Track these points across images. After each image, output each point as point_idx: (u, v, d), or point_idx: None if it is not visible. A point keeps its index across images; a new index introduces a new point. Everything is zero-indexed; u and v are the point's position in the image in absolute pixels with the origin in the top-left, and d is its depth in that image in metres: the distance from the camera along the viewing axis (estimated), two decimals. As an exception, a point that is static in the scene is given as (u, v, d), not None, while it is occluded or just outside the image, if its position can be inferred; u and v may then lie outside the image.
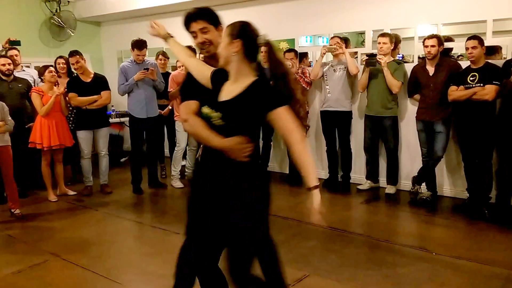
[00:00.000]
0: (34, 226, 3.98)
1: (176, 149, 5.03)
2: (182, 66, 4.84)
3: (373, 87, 4.52)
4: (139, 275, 2.93)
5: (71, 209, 4.46)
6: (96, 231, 3.80)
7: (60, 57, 5.13)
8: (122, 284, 2.81)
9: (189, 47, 2.62)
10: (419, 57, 4.60)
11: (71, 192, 4.89)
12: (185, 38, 2.24)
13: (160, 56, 5.42)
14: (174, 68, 5.61)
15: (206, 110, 1.77)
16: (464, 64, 4.05)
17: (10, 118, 4.01)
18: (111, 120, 5.54)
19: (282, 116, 1.68)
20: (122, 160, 6.47)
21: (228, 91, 1.76)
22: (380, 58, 4.34)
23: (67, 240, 3.60)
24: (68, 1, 6.88)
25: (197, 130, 1.81)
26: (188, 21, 2.00)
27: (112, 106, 6.12)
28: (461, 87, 3.83)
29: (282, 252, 2.10)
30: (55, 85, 4.66)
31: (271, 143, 5.38)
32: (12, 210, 4.14)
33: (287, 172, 5.41)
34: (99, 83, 4.82)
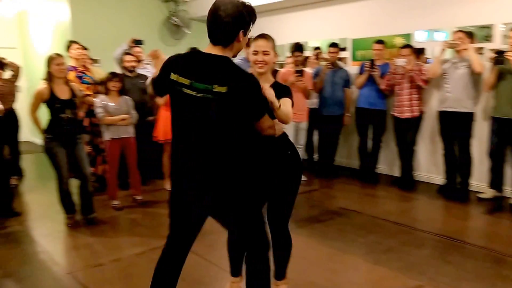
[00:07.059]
0: (153, 212, 4.32)
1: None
2: (290, 63, 4.87)
3: (503, 86, 4.05)
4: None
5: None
6: (210, 220, 3.97)
7: None
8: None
9: None
10: None
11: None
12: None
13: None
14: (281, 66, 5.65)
15: None
16: None
17: (134, 111, 4.36)
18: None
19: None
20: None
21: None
22: (510, 56, 3.87)
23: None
24: (185, 0, 7.31)
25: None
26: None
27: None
28: None
29: (392, 258, 1.95)
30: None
31: (381, 143, 5.16)
32: (135, 196, 4.55)
33: (397, 175, 5.14)
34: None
